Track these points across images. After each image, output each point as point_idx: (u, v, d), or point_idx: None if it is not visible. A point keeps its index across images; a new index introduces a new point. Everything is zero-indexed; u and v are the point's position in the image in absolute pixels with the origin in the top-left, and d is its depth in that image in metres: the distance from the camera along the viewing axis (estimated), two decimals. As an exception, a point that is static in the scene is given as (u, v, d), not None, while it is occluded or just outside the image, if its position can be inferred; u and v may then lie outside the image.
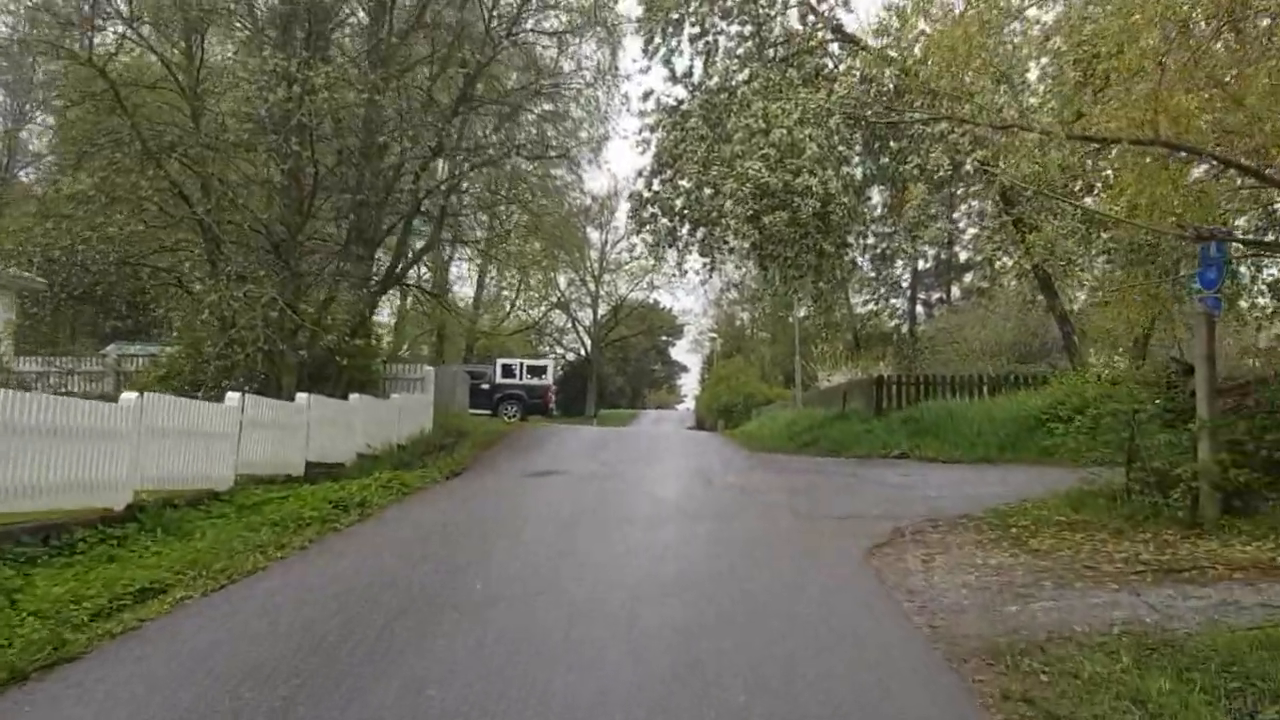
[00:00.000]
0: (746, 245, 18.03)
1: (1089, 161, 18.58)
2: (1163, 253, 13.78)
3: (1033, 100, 17.98)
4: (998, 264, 18.46)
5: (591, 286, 75.67)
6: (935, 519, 10.56)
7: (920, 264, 59.66)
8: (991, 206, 18.41)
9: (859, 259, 23.32)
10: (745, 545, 9.20)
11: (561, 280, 72.77)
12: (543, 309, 72.16)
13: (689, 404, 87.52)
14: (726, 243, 18.30)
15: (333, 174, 16.83)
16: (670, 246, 18.75)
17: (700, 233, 18.23)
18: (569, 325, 77.39)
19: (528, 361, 38.45)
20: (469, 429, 23.26)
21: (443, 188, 17.89)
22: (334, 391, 18.11)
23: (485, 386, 36.09)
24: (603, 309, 77.60)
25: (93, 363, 21.30)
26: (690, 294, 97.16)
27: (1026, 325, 35.06)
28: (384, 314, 48.71)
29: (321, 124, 15.91)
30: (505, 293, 68.19)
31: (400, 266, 18.77)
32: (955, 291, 62.88)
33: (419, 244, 23.18)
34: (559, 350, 78.52)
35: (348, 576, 7.87)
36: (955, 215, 22.06)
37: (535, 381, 37.03)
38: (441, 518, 11.03)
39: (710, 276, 18.64)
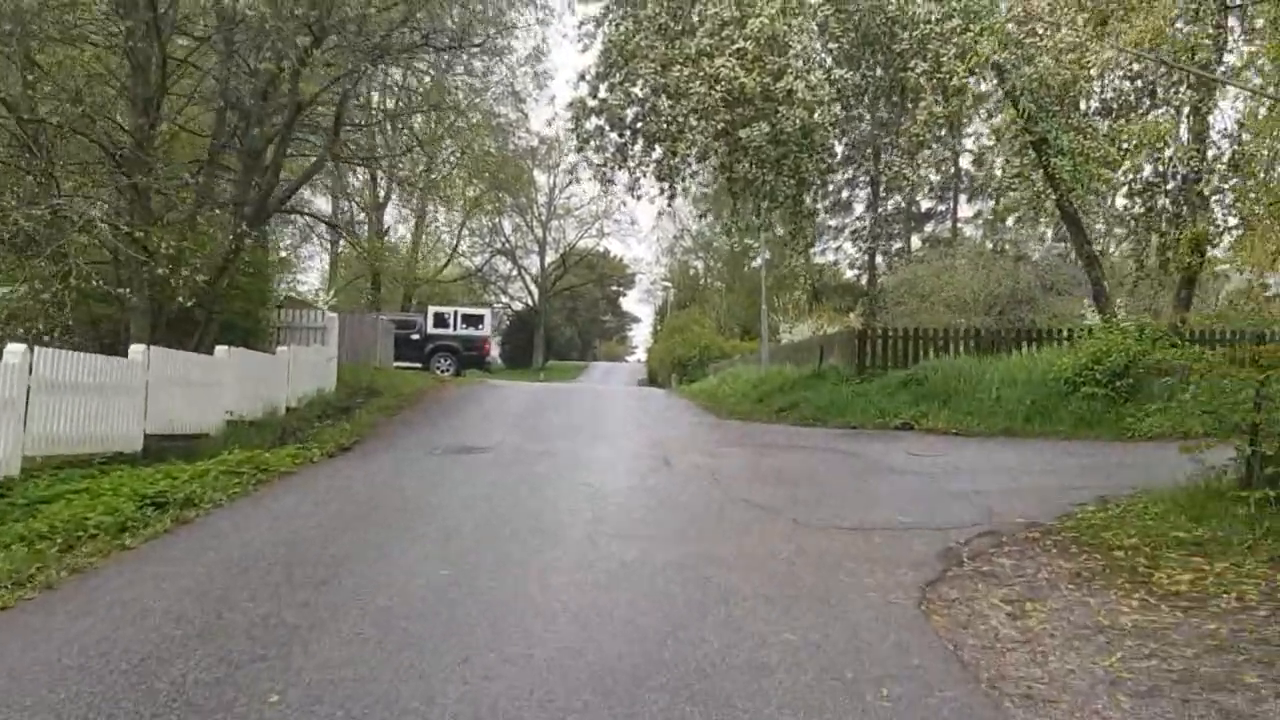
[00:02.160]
0: (713, 167, 14.67)
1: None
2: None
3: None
4: (1012, 195, 15.26)
5: (539, 232, 72.20)
6: (994, 531, 7.44)
7: (880, 210, 56.92)
8: (1006, 124, 15.19)
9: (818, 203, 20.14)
10: (729, 589, 5.94)
11: (506, 225, 69.26)
12: (486, 255, 68.56)
13: (641, 356, 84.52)
14: (689, 164, 14.90)
15: (187, 64, 13.15)
16: (620, 167, 15.28)
17: (657, 151, 14.80)
18: (515, 273, 73.89)
19: (463, 310, 34.90)
20: (383, 387, 19.81)
21: (335, 88, 14.17)
22: (202, 343, 14.58)
23: (415, 337, 32.71)
24: (551, 257, 74.31)
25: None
26: (642, 242, 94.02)
27: (992, 275, 32.63)
28: (319, 260, 44.77)
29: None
30: (446, 237, 64.51)
31: (283, 190, 15.04)
32: (916, 242, 60.36)
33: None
34: (505, 299, 75.10)
35: (55, 672, 4.51)
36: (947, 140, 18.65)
37: (472, 332, 33.62)
38: (287, 529, 7.65)
39: (669, 205, 15.31)
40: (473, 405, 18.23)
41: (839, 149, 16.69)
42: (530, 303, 74.25)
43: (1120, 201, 15.99)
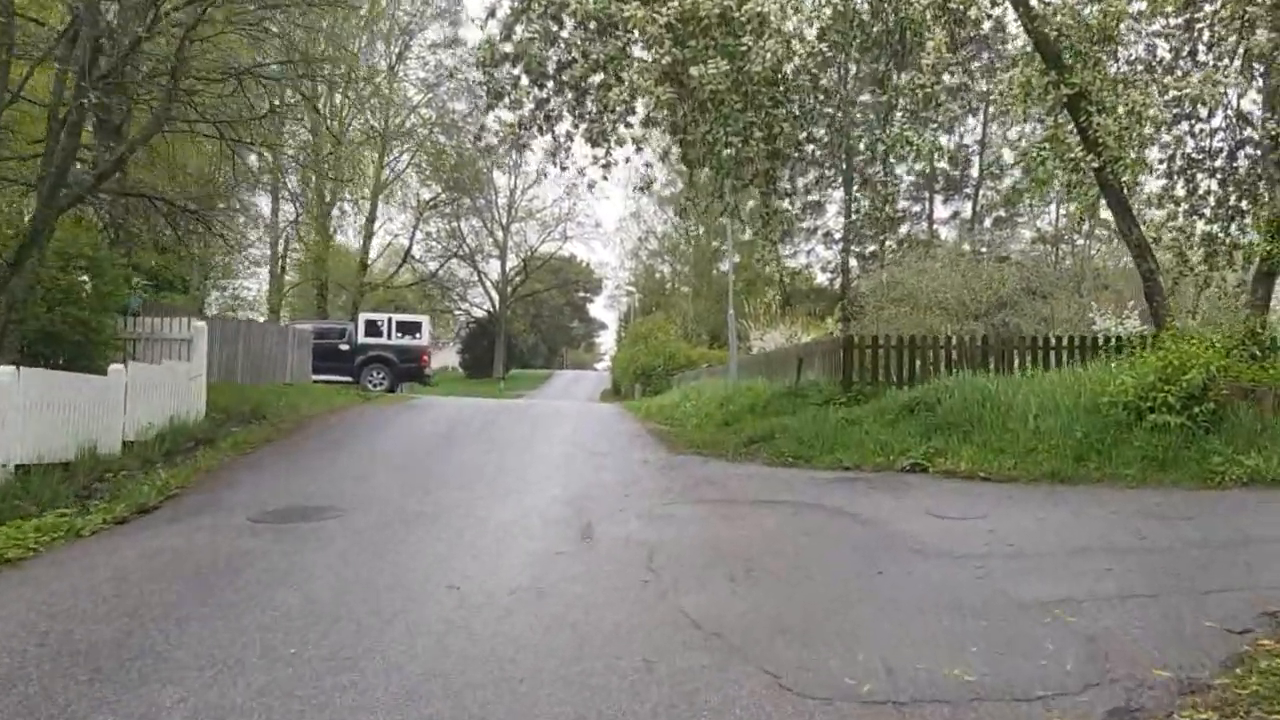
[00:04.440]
0: (663, 131, 11.40)
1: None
2: None
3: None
4: (1045, 166, 12.01)
5: (499, 236, 69.18)
6: (1130, 708, 4.14)
7: (853, 213, 53.98)
8: (1034, 76, 11.95)
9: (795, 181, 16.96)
10: None
11: (465, 228, 66.25)
12: (443, 260, 65.27)
13: (608, 363, 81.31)
14: (629, 123, 11.54)
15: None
16: (544, 131, 11.92)
17: (589, 106, 11.46)
18: (475, 279, 70.70)
19: (398, 317, 31.48)
20: (275, 409, 16.37)
21: (160, 27, 10.67)
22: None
23: (344, 348, 29.36)
24: (512, 261, 71.35)
25: None
26: (607, 245, 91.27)
27: (980, 277, 31.04)
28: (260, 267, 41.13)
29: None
30: (399, 239, 61.35)
31: (96, 161, 11.52)
32: (890, 244, 57.68)
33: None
34: (465, 305, 71.95)
35: None
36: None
37: (408, 341, 30.22)
38: None
39: (604, 176, 11.88)
40: (366, 436, 14.74)
41: (821, 112, 13.40)
42: (491, 309, 71.09)
43: (1155, 184, 12.97)
